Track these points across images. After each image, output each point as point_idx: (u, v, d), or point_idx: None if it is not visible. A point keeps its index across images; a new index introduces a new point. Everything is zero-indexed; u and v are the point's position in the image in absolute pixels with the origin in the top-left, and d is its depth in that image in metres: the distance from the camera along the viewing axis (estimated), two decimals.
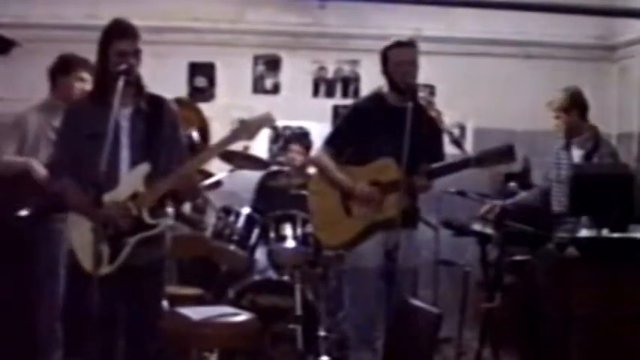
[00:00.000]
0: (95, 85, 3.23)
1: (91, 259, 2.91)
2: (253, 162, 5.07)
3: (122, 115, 3.11)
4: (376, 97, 3.88)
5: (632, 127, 5.77)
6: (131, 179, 3.12)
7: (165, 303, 3.94)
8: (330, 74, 6.08)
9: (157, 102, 3.24)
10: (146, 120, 3.18)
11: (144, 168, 3.12)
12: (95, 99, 3.17)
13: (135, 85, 3.15)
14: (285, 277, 4.59)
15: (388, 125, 3.67)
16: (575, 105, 4.43)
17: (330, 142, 3.90)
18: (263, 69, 6.05)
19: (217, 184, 4.88)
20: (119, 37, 3.10)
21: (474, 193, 4.78)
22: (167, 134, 3.21)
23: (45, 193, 3.67)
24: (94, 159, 2.89)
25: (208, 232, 4.76)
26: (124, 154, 3.13)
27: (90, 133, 3.06)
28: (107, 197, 2.96)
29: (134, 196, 3.09)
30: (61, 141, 3.26)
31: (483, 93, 5.92)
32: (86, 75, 3.88)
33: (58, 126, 3.39)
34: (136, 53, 3.12)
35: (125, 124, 3.14)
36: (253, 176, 5.40)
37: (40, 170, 3.78)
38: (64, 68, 4.01)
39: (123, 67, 3.05)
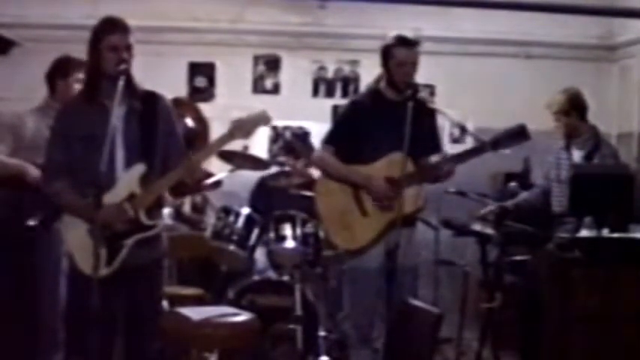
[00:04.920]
0: (87, 84, 3.20)
1: (88, 261, 2.91)
2: (253, 162, 5.06)
3: (117, 114, 3.08)
4: (373, 92, 3.86)
5: (632, 127, 5.77)
6: (127, 180, 3.10)
7: (165, 303, 3.94)
8: (330, 74, 6.09)
9: (150, 98, 3.21)
10: (140, 118, 3.16)
11: (139, 168, 3.11)
12: (87, 99, 3.15)
13: (128, 83, 3.11)
14: (285, 277, 4.58)
15: (386, 120, 3.66)
16: (574, 107, 4.43)
17: (330, 139, 3.86)
18: (263, 69, 6.05)
19: (217, 184, 4.88)
20: (109, 32, 3.06)
21: (474, 193, 4.78)
22: (163, 130, 3.19)
23: (32, 192, 3.66)
24: (88, 160, 2.89)
25: (208, 232, 4.76)
26: (120, 155, 3.11)
27: (84, 134, 3.05)
28: (104, 199, 2.95)
29: (130, 197, 3.08)
30: (54, 142, 3.21)
31: (483, 93, 5.92)
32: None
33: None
34: (128, 48, 3.08)
35: (120, 124, 3.11)
36: (253, 176, 5.40)
37: (34, 173, 3.76)
38: (62, 71, 3.98)
39: (122, 67, 3.03)
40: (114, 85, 3.00)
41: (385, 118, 3.68)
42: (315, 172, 4.32)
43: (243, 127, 3.18)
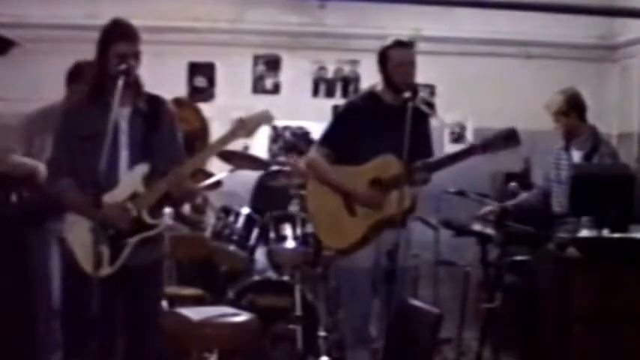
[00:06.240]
0: (93, 85, 3.21)
1: (90, 260, 2.91)
2: (253, 162, 5.06)
3: (121, 115, 3.10)
4: (370, 95, 3.86)
5: (632, 127, 5.77)
6: (130, 179, 3.11)
7: (165, 303, 3.94)
8: (330, 74, 6.08)
9: (155, 102, 3.24)
10: (145, 120, 3.17)
11: (143, 168, 3.12)
12: (93, 99, 3.17)
13: (133, 85, 3.14)
14: (285, 277, 4.58)
15: (383, 123, 3.66)
16: (573, 108, 4.43)
17: (324, 141, 3.86)
18: (263, 69, 6.05)
19: (217, 184, 4.88)
20: (119, 39, 3.08)
21: (474, 193, 4.78)
22: (165, 134, 3.21)
23: (42, 193, 3.68)
24: (92, 159, 2.89)
25: (208, 233, 4.76)
26: (123, 154, 3.12)
27: (88, 134, 3.06)
28: (106, 197, 2.96)
29: (133, 197, 3.09)
30: (58, 141, 3.23)
31: (483, 93, 5.91)
32: None
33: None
34: (136, 55, 3.11)
35: (124, 124, 3.13)
36: (253, 176, 5.40)
37: (45, 173, 3.78)
38: (75, 75, 4.00)
39: (123, 67, 3.04)
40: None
41: (381, 120, 3.68)
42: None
43: (246, 127, 3.19)
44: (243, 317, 3.58)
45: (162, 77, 4.66)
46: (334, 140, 3.82)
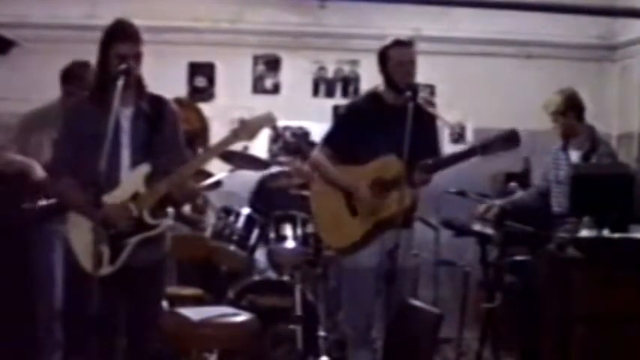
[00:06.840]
0: (95, 85, 3.22)
1: (91, 260, 2.91)
2: (253, 162, 5.06)
3: (123, 115, 3.11)
4: (372, 96, 3.87)
5: (632, 127, 5.77)
6: (132, 179, 3.11)
7: (165, 303, 3.94)
8: (330, 74, 6.09)
9: (158, 102, 3.24)
10: (147, 120, 3.18)
11: (144, 168, 3.12)
12: (95, 99, 3.17)
13: (136, 85, 3.14)
14: (285, 277, 4.59)
15: (385, 124, 3.66)
16: (571, 107, 4.43)
17: (327, 142, 3.88)
18: (263, 69, 6.05)
19: (217, 184, 4.88)
20: (120, 40, 3.08)
21: (474, 193, 4.78)
22: (168, 135, 3.21)
23: (45, 194, 3.68)
24: (94, 159, 2.89)
25: (208, 233, 4.76)
26: (125, 155, 3.12)
27: (90, 134, 3.05)
28: (108, 198, 2.97)
29: (135, 197, 3.09)
30: (61, 141, 3.24)
31: (483, 93, 5.92)
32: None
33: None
34: (137, 56, 3.11)
35: (126, 125, 3.14)
36: (253, 176, 5.40)
37: (39, 172, 3.78)
38: (67, 76, 4.00)
39: (123, 66, 3.04)
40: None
41: (383, 121, 3.68)
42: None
43: (248, 129, 3.19)
44: (243, 317, 3.59)
45: (163, 77, 4.65)
46: (337, 142, 3.83)
